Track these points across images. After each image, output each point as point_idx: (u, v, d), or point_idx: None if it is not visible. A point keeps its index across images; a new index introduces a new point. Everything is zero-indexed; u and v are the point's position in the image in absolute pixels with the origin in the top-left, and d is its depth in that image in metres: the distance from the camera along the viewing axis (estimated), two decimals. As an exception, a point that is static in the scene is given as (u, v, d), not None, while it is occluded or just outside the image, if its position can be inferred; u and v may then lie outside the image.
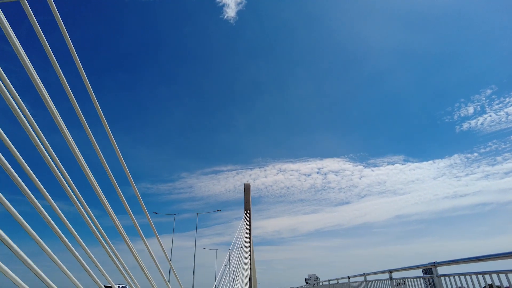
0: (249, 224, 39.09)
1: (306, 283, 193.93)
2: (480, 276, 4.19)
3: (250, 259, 41.51)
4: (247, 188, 40.43)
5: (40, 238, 3.15)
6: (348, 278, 10.75)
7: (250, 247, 41.25)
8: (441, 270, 5.30)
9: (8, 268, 2.62)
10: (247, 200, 39.63)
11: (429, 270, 5.66)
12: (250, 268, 41.57)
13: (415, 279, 6.44)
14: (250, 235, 39.52)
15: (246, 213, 38.18)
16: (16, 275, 2.80)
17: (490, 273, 4.05)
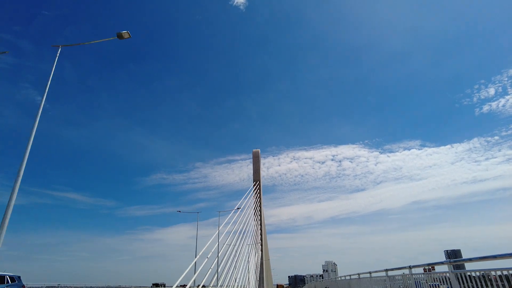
0: (259, 197, 34.50)
1: (324, 270, 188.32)
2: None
3: (261, 240, 36.97)
4: (256, 155, 35.86)
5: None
6: (370, 273, 10.61)
7: (261, 225, 36.71)
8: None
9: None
10: (256, 170, 35.10)
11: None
12: (262, 251, 37.11)
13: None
14: (260, 209, 34.93)
15: (256, 184, 33.56)
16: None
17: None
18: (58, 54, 9.91)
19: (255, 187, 33.80)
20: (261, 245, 35.84)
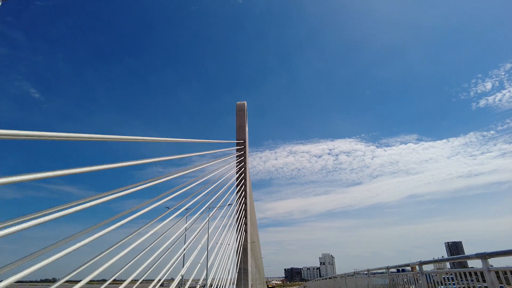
0: (245, 163, 26.01)
1: (321, 263, 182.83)
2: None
3: (246, 218, 28.62)
4: (240, 109, 27.30)
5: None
6: (368, 270, 10.17)
7: (245, 200, 28.32)
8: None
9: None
10: (241, 127, 26.56)
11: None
12: (246, 231, 28.80)
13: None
14: (245, 179, 26.46)
15: (240, 145, 24.98)
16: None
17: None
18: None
19: (239, 149, 24.88)
20: (245, 224, 27.58)
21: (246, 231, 27.79)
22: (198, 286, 22.71)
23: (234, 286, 37.48)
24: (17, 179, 5.48)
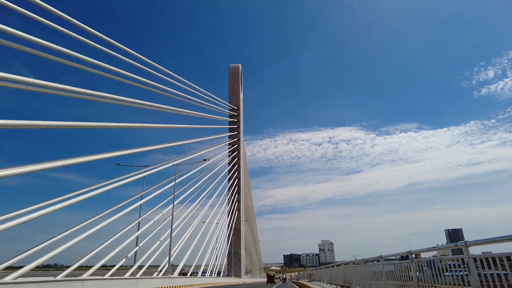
0: (239, 132, 22.91)
1: (320, 249, 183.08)
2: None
3: (239, 195, 25.72)
4: (234, 72, 23.90)
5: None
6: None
7: (238, 175, 25.32)
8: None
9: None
10: (234, 92, 23.32)
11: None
12: (240, 210, 25.95)
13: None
14: (238, 152, 23.42)
15: (234, 113, 21.84)
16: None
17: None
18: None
19: (232, 116, 21.73)
20: (238, 202, 24.67)
21: (239, 209, 24.91)
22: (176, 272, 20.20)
23: (225, 273, 34.86)
24: (20, 171, 7.14)
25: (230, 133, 21.76)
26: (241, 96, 25.82)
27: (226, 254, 25.08)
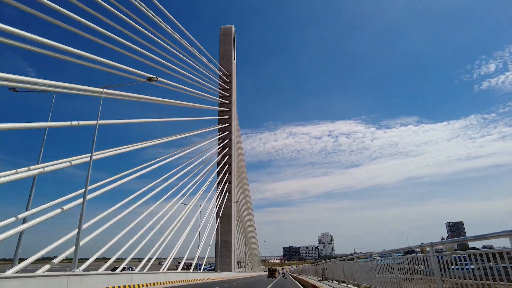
0: (231, 102, 19.88)
1: (320, 242, 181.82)
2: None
3: (229, 173, 22.88)
4: (226, 33, 20.77)
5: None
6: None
7: (229, 152, 22.40)
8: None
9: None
10: (225, 56, 20.17)
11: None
12: (231, 192, 23.13)
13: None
14: (230, 117, 20.44)
15: (227, 78, 18.83)
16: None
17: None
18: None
19: (224, 82, 18.64)
20: (229, 182, 21.76)
21: (230, 191, 22.04)
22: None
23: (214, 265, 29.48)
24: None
25: (221, 100, 18.74)
26: (234, 61, 22.76)
27: (215, 245, 21.68)
